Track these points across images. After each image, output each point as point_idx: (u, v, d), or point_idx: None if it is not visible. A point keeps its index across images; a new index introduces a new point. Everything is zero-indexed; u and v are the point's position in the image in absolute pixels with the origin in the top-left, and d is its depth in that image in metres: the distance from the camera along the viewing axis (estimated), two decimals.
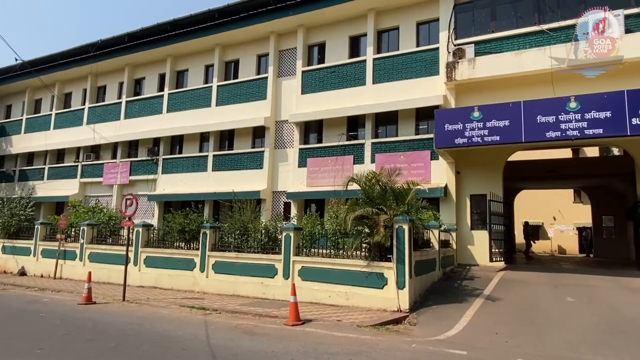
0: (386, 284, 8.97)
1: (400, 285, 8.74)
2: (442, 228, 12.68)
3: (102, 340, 6.41)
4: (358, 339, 6.64)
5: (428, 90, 15.00)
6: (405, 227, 8.93)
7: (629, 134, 10.69)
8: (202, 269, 11.61)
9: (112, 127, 22.41)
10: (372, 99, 16.01)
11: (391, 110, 15.87)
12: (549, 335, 6.95)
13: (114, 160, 22.41)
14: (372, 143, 16.09)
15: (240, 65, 19.78)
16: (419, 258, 9.82)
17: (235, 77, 19.89)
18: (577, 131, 11.03)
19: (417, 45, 15.94)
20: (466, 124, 12.33)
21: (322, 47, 18.05)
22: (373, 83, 16.29)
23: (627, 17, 12.34)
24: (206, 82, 20.62)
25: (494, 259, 13.37)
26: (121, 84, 23.18)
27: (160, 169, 20.62)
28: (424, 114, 15.35)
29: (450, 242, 13.78)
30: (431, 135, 13.82)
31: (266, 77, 18.64)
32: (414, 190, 9.57)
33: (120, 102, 22.65)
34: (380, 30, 16.83)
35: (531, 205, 28.05)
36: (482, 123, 12.11)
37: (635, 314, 8.07)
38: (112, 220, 15.82)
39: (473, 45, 14.19)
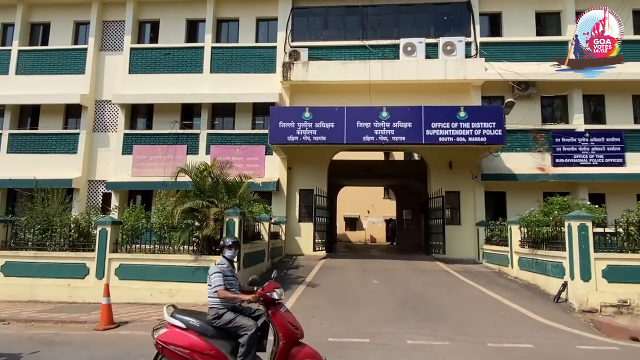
0: None
1: None
2: (272, 220, 13.20)
3: None
4: None
5: (265, 87, 15.37)
6: (236, 220, 8.99)
7: (423, 142, 12.96)
8: None
9: None
10: (210, 89, 15.58)
11: (229, 102, 15.75)
12: (356, 315, 7.93)
13: None
14: (208, 134, 15.67)
15: (52, 30, 16.81)
16: (249, 250, 10.02)
17: (45, 43, 16.79)
18: (386, 137, 12.83)
19: (257, 41, 16.17)
20: (298, 123, 13.06)
21: (155, 25, 16.69)
22: (211, 72, 15.86)
23: (427, 45, 14.90)
24: (4, 44, 16.86)
25: (317, 249, 14.57)
26: None
27: None
28: (260, 110, 15.66)
29: (280, 233, 14.45)
30: (267, 131, 14.20)
31: (85, 49, 16.28)
32: (246, 184, 9.71)
33: None
34: (221, 19, 16.47)
35: (350, 199, 31.40)
36: (312, 123, 13.00)
37: (421, 291, 9.83)
38: None
39: (307, 49, 15.14)
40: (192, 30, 16.69)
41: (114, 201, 15.08)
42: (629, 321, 7.58)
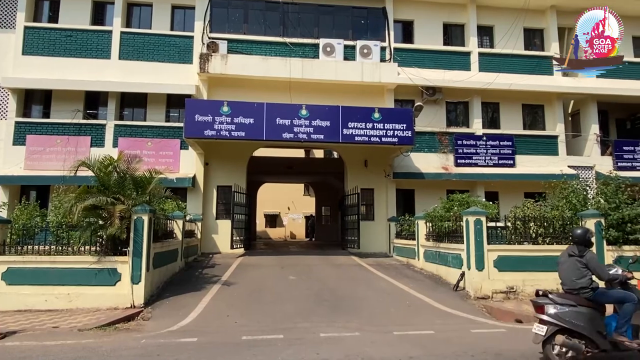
0: (119, 280, 8.31)
1: (135, 280, 8.25)
2: (187, 218, 12.70)
3: None
4: (78, 344, 5.91)
5: (181, 78, 14.70)
6: (145, 218, 8.50)
7: (341, 141, 13.36)
8: None
9: None
10: (118, 76, 14.49)
11: (140, 92, 14.81)
12: (272, 311, 7.96)
13: None
14: (116, 125, 14.60)
15: None
16: (160, 249, 9.54)
17: None
18: (306, 135, 13.00)
19: (172, 29, 15.41)
20: (216, 117, 12.69)
21: (55, 3, 15.10)
22: (120, 58, 14.78)
23: (345, 46, 15.35)
24: None
25: (234, 247, 14.31)
26: None
27: None
28: (175, 102, 14.95)
29: (196, 231, 13.94)
30: (182, 124, 13.60)
31: None
32: (157, 179, 9.22)
33: None
34: (132, 2, 15.43)
35: (270, 196, 31.32)
36: (230, 118, 12.71)
37: (336, 285, 10.14)
38: None
39: (226, 42, 14.78)
40: (99, 12, 15.38)
41: (3, 197, 13.41)
42: (515, 305, 8.55)
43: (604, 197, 10.12)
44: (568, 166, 15.74)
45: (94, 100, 14.97)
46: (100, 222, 8.64)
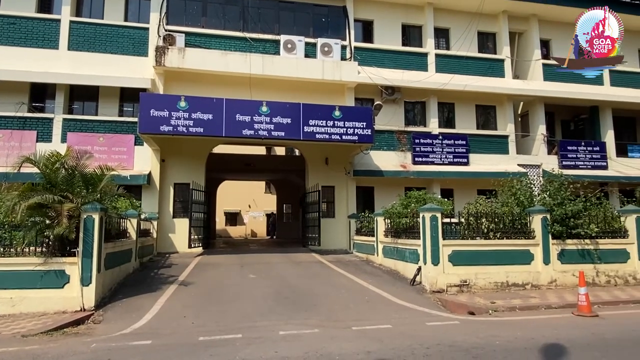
0: (68, 282, 7.91)
1: (85, 282, 7.88)
2: (142, 217, 12.26)
3: None
4: (21, 351, 5.56)
5: (135, 71, 14.15)
6: (96, 216, 8.13)
7: (301, 138, 13.34)
8: None
9: None
10: (67, 68, 13.75)
11: (91, 85, 14.12)
12: (230, 311, 7.84)
13: None
14: (64, 119, 13.86)
15: None
16: (112, 250, 9.16)
17: None
18: (266, 132, 12.88)
19: (126, 20, 14.78)
20: (172, 112, 12.31)
21: None
22: (69, 49, 14.04)
23: (307, 44, 15.33)
24: None
25: (192, 246, 13.98)
26: None
27: None
28: (130, 95, 14.37)
29: (151, 231, 13.50)
30: (136, 119, 13.08)
31: None
32: (109, 176, 8.83)
33: None
34: None
35: (231, 194, 30.87)
36: (187, 113, 12.38)
37: (296, 282, 10.15)
38: None
39: (184, 35, 14.38)
40: None
41: None
42: (468, 298, 8.91)
43: (548, 194, 10.72)
44: (518, 164, 16.55)
45: (40, 93, 14.13)
46: (47, 221, 8.16)
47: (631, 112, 19.32)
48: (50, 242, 8.18)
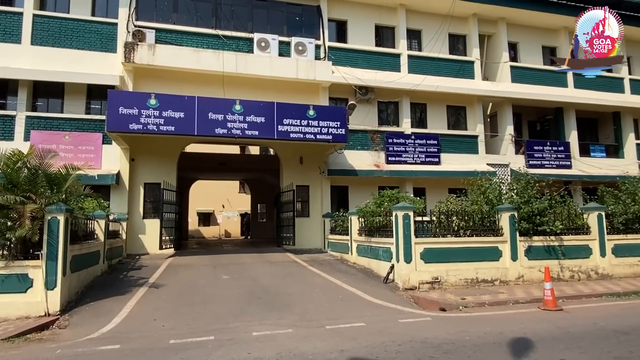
0: (31, 286, 7.59)
1: (49, 286, 7.58)
2: (111, 218, 11.91)
3: None
4: None
5: (103, 67, 13.73)
6: (61, 218, 7.83)
7: (275, 138, 13.27)
8: None
9: None
10: (30, 63, 13.21)
11: (56, 81, 13.64)
12: (202, 312, 7.72)
13: None
14: (27, 117, 13.32)
15: None
16: (79, 252, 8.85)
17: None
18: (240, 131, 12.74)
19: (93, 14, 14.32)
20: (142, 110, 12.00)
21: None
22: (32, 44, 13.49)
23: (280, 42, 15.26)
24: None
25: (164, 247, 13.65)
26: None
27: None
28: (97, 93, 13.93)
29: (121, 232, 13.12)
30: (104, 117, 12.69)
31: None
32: (75, 176, 8.52)
33: None
34: None
35: (204, 194, 30.41)
36: (158, 111, 12.10)
37: (269, 282, 10.08)
38: None
39: (154, 31, 14.06)
40: None
41: None
42: (439, 295, 9.08)
43: (516, 192, 11.06)
44: (487, 164, 16.99)
45: (1, 89, 13.52)
46: (9, 223, 7.81)
47: (593, 114, 20.19)
48: (12, 245, 7.83)
